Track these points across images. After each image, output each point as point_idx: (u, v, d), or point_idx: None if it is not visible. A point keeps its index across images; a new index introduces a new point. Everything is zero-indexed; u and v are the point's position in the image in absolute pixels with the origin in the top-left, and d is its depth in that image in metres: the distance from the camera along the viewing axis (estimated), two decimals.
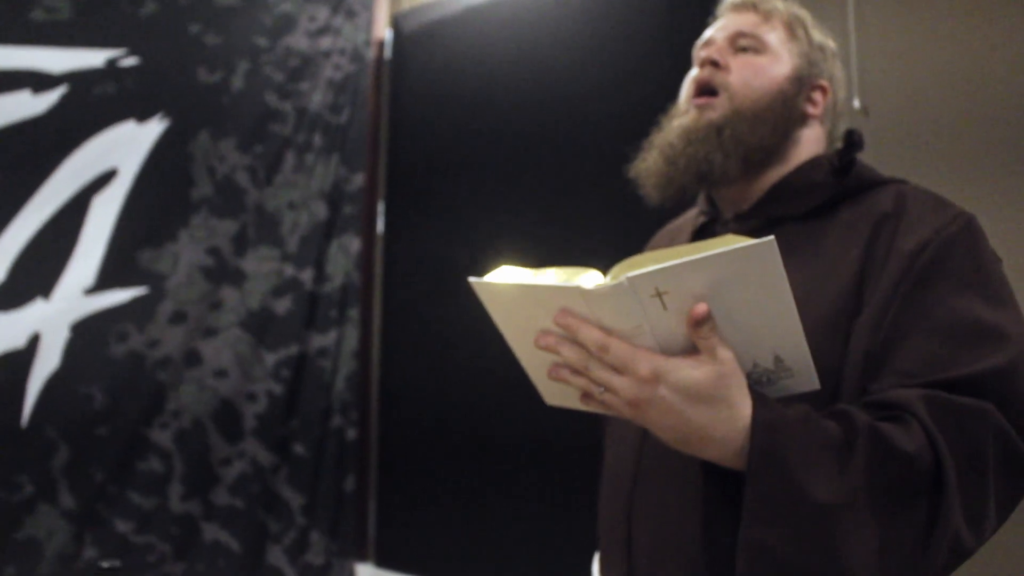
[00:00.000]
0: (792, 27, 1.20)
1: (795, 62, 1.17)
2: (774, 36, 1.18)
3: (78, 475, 2.34)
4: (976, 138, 1.72)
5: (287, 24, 2.77)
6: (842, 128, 1.23)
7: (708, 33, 1.24)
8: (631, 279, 0.74)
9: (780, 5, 1.21)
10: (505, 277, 0.85)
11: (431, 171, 2.75)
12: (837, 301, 0.98)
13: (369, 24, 2.88)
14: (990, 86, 1.72)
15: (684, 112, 1.20)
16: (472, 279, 0.86)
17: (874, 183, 1.09)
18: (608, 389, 0.82)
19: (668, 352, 0.80)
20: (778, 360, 0.84)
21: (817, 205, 1.09)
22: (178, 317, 2.50)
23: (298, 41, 2.78)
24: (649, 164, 1.21)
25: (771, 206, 1.14)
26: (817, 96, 1.19)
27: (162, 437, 2.45)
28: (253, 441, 2.56)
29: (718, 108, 1.15)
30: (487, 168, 2.59)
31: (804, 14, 1.23)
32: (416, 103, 2.82)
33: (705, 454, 0.83)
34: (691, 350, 0.80)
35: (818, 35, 1.22)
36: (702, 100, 1.17)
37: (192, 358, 2.52)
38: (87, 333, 2.39)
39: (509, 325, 0.91)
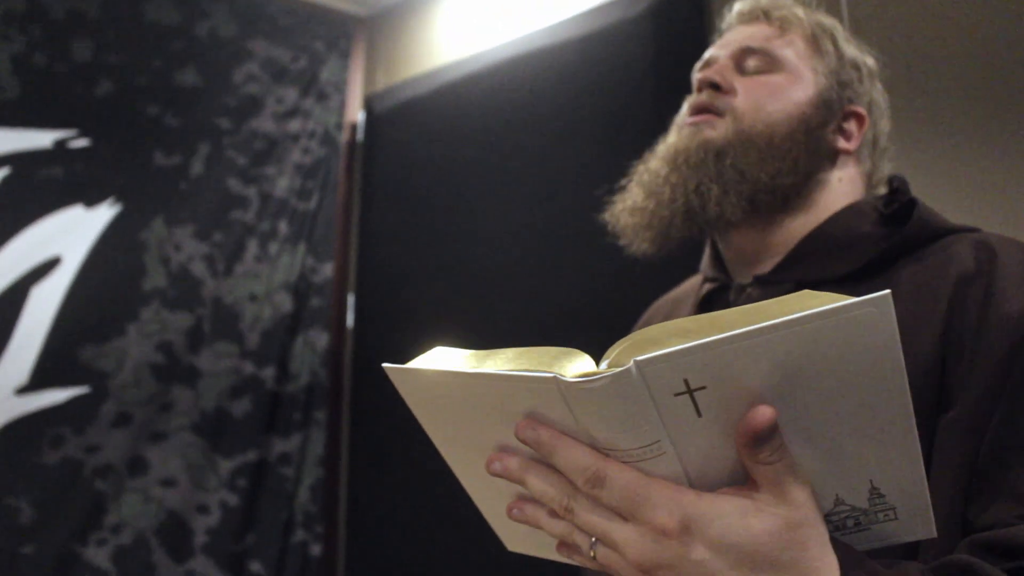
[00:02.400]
0: (817, 40, 0.96)
1: (820, 83, 0.94)
2: (791, 51, 0.95)
3: None
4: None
5: (253, 106, 2.61)
6: (886, 170, 1.00)
7: (709, 52, 1.01)
8: (642, 365, 0.46)
9: (801, 12, 0.98)
10: (440, 362, 0.56)
11: (405, 260, 2.56)
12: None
13: (342, 106, 2.74)
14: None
15: (676, 132, 0.97)
16: (388, 365, 0.57)
17: (941, 233, 0.83)
18: (605, 543, 0.55)
19: (703, 485, 0.53)
20: (876, 494, 0.54)
21: (866, 263, 0.83)
22: (122, 419, 2.25)
23: (264, 123, 2.62)
24: (627, 203, 0.97)
25: (803, 265, 0.88)
26: (851, 126, 0.95)
27: (98, 556, 2.16)
28: (203, 559, 2.28)
29: (719, 127, 0.91)
30: (465, 257, 2.40)
31: (833, 23, 0.99)
32: (389, 188, 2.65)
33: None
34: (742, 483, 0.53)
35: (852, 49, 0.98)
36: (700, 117, 0.93)
37: (136, 465, 2.25)
38: (16, 437, 2.13)
39: (447, 435, 0.63)
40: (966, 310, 0.73)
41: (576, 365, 0.51)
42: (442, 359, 0.57)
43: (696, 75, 0.99)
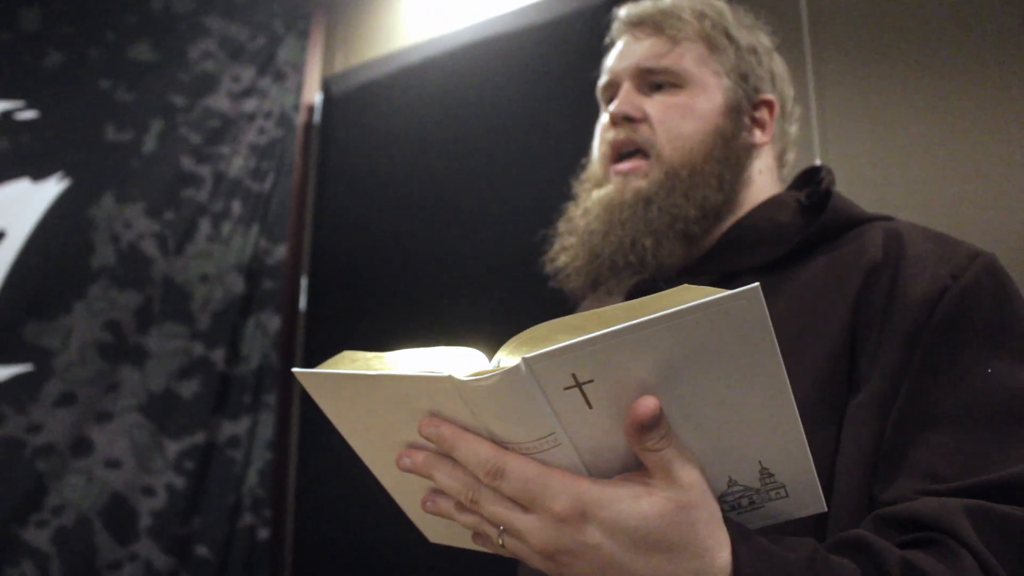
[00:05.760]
0: (710, 39, 0.96)
1: (725, 84, 0.94)
2: (689, 61, 0.94)
3: None
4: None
5: (208, 83, 2.57)
6: (793, 132, 1.02)
7: (608, 72, 1.01)
8: (530, 362, 0.48)
9: (687, 14, 0.97)
10: (346, 366, 0.59)
11: (359, 244, 2.54)
12: (820, 375, 0.74)
13: (299, 87, 2.70)
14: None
15: (602, 181, 0.97)
16: (297, 371, 0.60)
17: (856, 222, 0.86)
18: (509, 532, 0.57)
19: (599, 472, 0.55)
20: (766, 474, 0.56)
21: (785, 252, 0.86)
22: (66, 399, 2.20)
23: (219, 102, 2.58)
24: (569, 258, 0.98)
25: (726, 256, 0.91)
26: (763, 115, 0.97)
27: (39, 537, 2.11)
28: (148, 542, 2.24)
29: (647, 174, 0.92)
30: (420, 241, 2.38)
31: (720, 9, 0.98)
32: (345, 171, 2.63)
33: None
34: (634, 469, 0.55)
35: (745, 35, 0.98)
36: (626, 166, 0.94)
37: (80, 446, 2.21)
38: None
39: (359, 435, 0.65)
40: (874, 296, 0.76)
41: (470, 364, 0.54)
42: (348, 362, 0.60)
43: (606, 105, 1.00)
